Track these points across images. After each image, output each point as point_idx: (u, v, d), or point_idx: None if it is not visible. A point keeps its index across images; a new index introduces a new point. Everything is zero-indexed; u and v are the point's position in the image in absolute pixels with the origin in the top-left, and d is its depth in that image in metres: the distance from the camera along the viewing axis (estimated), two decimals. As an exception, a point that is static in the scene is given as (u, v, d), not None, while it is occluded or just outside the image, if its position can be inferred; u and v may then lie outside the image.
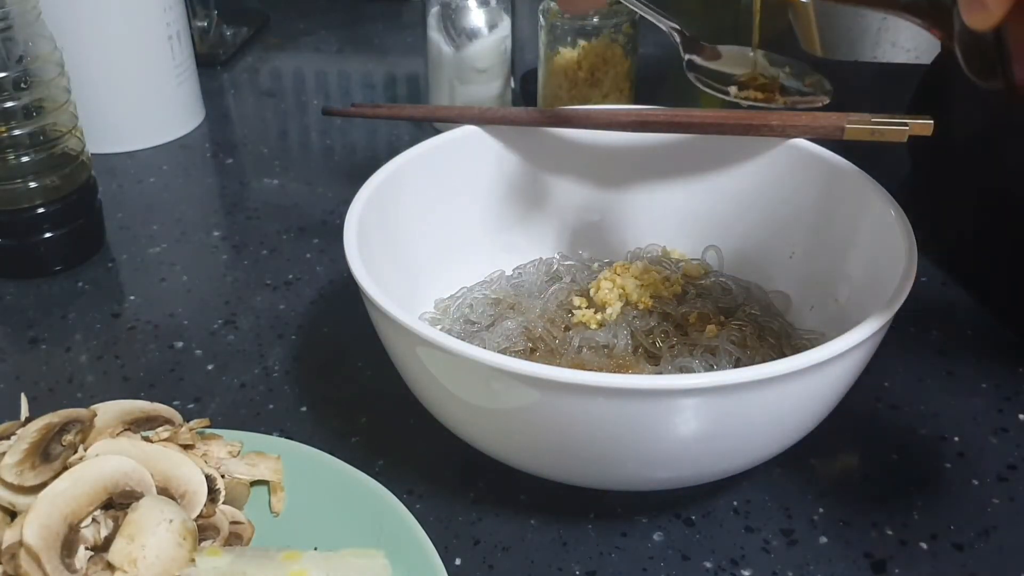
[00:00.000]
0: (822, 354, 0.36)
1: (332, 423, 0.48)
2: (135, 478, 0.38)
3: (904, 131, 0.46)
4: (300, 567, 0.36)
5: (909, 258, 0.41)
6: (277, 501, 0.42)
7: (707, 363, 0.46)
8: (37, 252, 0.59)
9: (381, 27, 0.99)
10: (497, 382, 0.37)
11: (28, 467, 0.37)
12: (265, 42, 0.95)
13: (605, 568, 0.41)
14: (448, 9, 0.70)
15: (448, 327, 0.50)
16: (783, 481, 0.45)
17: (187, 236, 0.65)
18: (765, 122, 0.50)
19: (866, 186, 0.47)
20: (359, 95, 0.86)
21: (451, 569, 0.41)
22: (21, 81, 0.56)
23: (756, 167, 0.52)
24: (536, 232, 0.56)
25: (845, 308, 0.47)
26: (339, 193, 0.69)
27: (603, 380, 0.35)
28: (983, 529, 0.43)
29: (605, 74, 0.68)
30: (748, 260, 0.53)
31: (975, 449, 0.47)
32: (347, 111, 0.58)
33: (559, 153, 0.54)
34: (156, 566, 0.35)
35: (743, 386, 0.35)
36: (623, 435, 0.37)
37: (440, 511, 0.44)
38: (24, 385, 0.51)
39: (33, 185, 0.58)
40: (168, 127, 0.77)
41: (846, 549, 0.42)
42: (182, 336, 0.55)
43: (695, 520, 0.43)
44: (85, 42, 0.70)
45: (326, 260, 0.62)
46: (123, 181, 0.71)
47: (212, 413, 0.49)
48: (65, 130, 0.59)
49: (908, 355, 0.52)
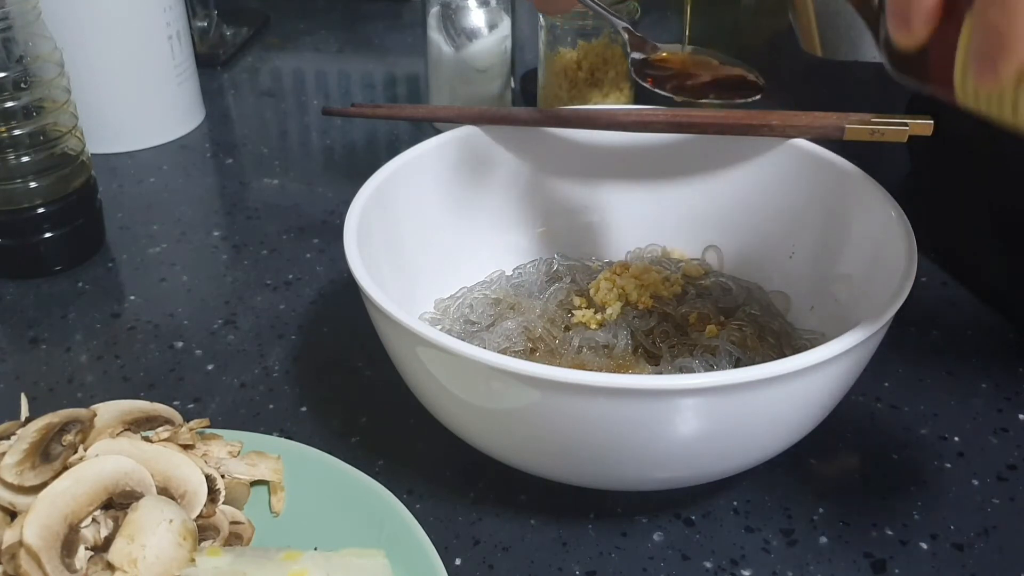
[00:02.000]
0: (822, 354, 0.36)
1: (332, 423, 0.48)
2: (135, 478, 0.38)
3: (904, 131, 0.46)
4: (300, 567, 0.36)
5: (909, 258, 0.41)
6: (277, 501, 0.42)
7: (707, 363, 0.46)
8: (37, 252, 0.59)
9: (381, 27, 0.99)
10: (497, 382, 0.37)
11: (28, 467, 0.37)
12: (265, 42, 0.95)
13: (605, 568, 0.41)
14: (448, 9, 0.70)
15: (448, 327, 0.50)
16: (783, 481, 0.45)
17: (187, 236, 0.65)
18: (765, 122, 0.50)
19: (866, 186, 0.47)
20: (359, 95, 0.86)
21: (451, 569, 0.41)
22: (21, 81, 0.56)
23: (756, 167, 0.52)
24: (536, 232, 0.56)
25: (845, 308, 0.47)
26: (339, 193, 0.69)
27: (603, 380, 0.35)
28: (983, 529, 0.43)
29: (605, 74, 0.68)
30: (748, 260, 0.53)
31: (975, 449, 0.47)
32: (347, 111, 0.58)
33: (559, 153, 0.54)
34: (156, 566, 0.35)
35: (743, 386, 0.35)
36: (623, 435, 0.37)
37: (440, 511, 0.44)
38: (24, 385, 0.51)
39: (33, 185, 0.58)
40: (168, 127, 0.77)
41: (846, 549, 0.42)
42: (182, 336, 0.55)
43: (695, 520, 0.43)
44: (85, 42, 0.70)
45: (326, 260, 0.62)
46: (123, 181, 0.71)
47: (212, 413, 0.49)
48: (65, 130, 0.59)
49: (908, 355, 0.52)
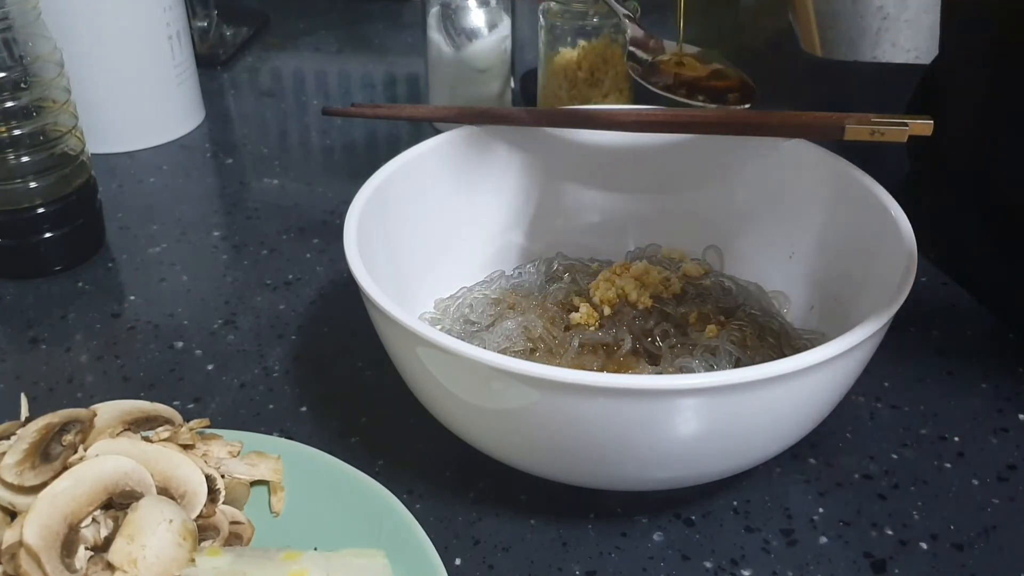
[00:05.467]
0: (822, 354, 0.36)
1: (332, 423, 0.48)
2: (135, 478, 0.38)
3: (904, 131, 0.46)
4: (300, 567, 0.36)
5: (909, 258, 0.41)
6: (277, 501, 0.42)
7: (707, 363, 0.46)
8: (37, 252, 0.59)
9: (381, 27, 0.99)
10: (497, 382, 0.37)
11: (28, 467, 0.37)
12: (265, 42, 0.95)
13: (605, 568, 0.41)
14: (448, 9, 0.70)
15: (448, 327, 0.50)
16: (783, 481, 0.45)
17: (187, 236, 0.65)
18: (765, 122, 0.50)
19: (866, 186, 0.47)
20: (359, 95, 0.86)
21: (451, 569, 0.41)
22: (21, 81, 0.56)
23: (756, 167, 0.52)
24: (536, 232, 0.56)
25: (845, 308, 0.47)
26: (339, 193, 0.69)
27: (603, 380, 0.35)
28: (983, 529, 0.43)
29: (605, 74, 0.68)
30: (748, 260, 0.53)
31: (975, 449, 0.47)
32: (347, 111, 0.58)
33: (559, 153, 0.54)
34: (156, 566, 0.35)
35: (743, 386, 0.35)
36: (623, 435, 0.37)
37: (440, 511, 0.44)
38: (24, 385, 0.51)
39: (33, 185, 0.58)
40: (168, 127, 0.77)
41: (846, 549, 0.42)
42: (182, 336, 0.55)
43: (695, 520, 0.43)
44: (85, 42, 0.70)
45: (326, 260, 0.62)
46: (123, 181, 0.71)
47: (212, 413, 0.49)
48: (65, 130, 0.59)
49: (908, 355, 0.52)
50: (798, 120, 0.49)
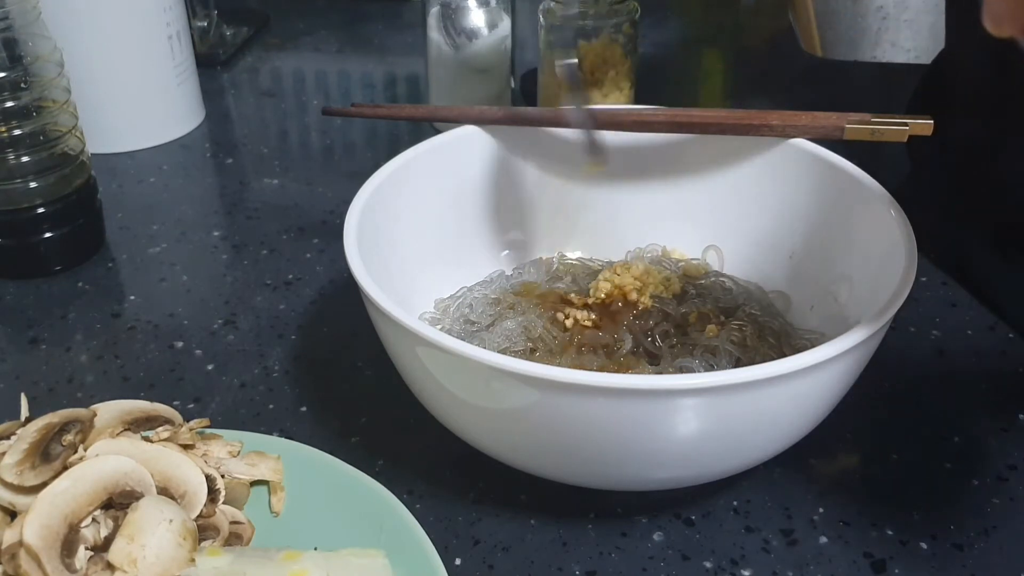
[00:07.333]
0: (822, 354, 0.36)
1: (332, 423, 0.48)
2: (135, 478, 0.38)
3: (904, 131, 0.46)
4: (300, 567, 0.36)
5: (909, 258, 0.41)
6: (277, 501, 0.42)
7: (707, 363, 0.46)
8: (37, 252, 0.59)
9: (381, 27, 0.99)
10: (497, 382, 0.37)
11: (28, 467, 0.37)
12: (265, 42, 0.95)
13: (605, 568, 0.41)
14: (448, 9, 0.70)
15: (448, 327, 0.50)
16: (783, 481, 0.45)
17: (187, 236, 0.65)
18: (765, 122, 0.50)
19: (866, 186, 0.47)
20: (359, 95, 0.86)
21: (451, 569, 0.41)
22: (21, 81, 0.56)
23: (756, 167, 0.52)
24: (536, 232, 0.56)
25: (845, 308, 0.47)
26: (339, 193, 0.69)
27: (603, 380, 0.35)
28: (983, 529, 0.43)
29: (605, 74, 0.68)
30: (748, 260, 0.53)
31: (975, 449, 0.47)
32: (347, 111, 0.58)
33: (559, 153, 0.54)
34: (156, 566, 0.35)
35: (743, 386, 0.36)
36: (623, 435, 0.37)
37: (440, 511, 0.44)
38: (24, 385, 0.51)
39: (33, 185, 0.58)
40: (168, 127, 0.77)
41: (846, 549, 0.42)
42: (182, 336, 0.55)
43: (695, 520, 0.43)
44: (85, 42, 0.70)
45: (326, 260, 0.62)
46: (123, 181, 0.71)
47: (212, 413, 0.49)
48: (65, 130, 0.59)
49: (908, 355, 0.52)
50: (798, 120, 0.49)
